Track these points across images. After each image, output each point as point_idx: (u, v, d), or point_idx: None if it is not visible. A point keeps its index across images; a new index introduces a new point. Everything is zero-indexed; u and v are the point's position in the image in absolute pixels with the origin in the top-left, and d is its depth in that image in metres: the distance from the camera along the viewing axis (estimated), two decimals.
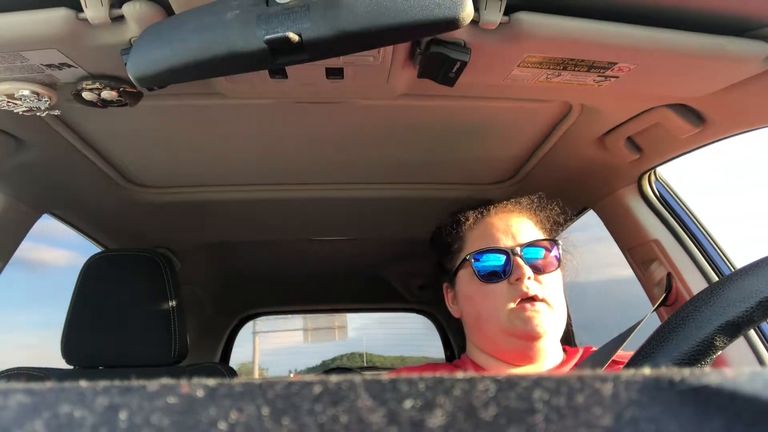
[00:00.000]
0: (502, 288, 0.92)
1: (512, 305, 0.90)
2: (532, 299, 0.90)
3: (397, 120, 1.05)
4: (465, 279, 0.99)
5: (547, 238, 0.99)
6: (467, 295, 0.98)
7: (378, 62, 0.77)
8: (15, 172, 1.12)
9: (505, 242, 0.95)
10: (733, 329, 0.48)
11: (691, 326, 0.49)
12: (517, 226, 0.98)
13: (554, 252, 0.96)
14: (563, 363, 0.97)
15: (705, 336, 0.48)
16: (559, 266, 0.96)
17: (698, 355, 0.48)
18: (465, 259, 0.98)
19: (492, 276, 0.93)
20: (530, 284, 0.90)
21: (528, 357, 0.92)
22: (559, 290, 0.95)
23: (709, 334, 0.48)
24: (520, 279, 0.90)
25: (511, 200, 1.05)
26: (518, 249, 0.93)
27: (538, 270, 0.93)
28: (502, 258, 0.94)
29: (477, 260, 0.95)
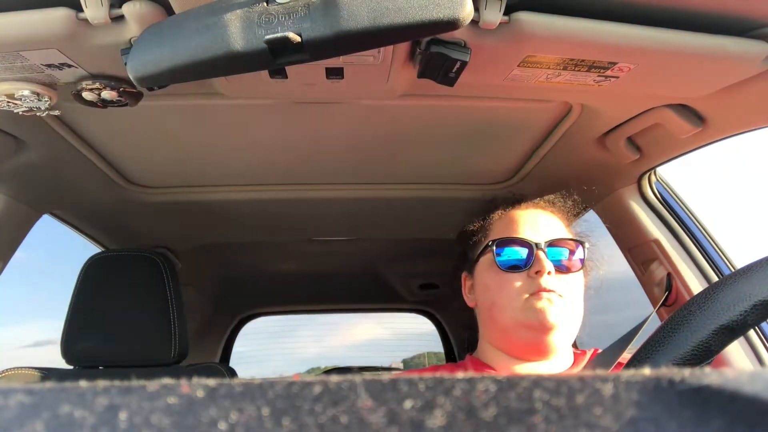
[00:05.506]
0: (520, 279, 0.91)
1: (527, 296, 0.89)
2: (549, 291, 0.89)
3: (396, 120, 1.05)
4: (484, 267, 0.98)
5: (574, 238, 0.98)
6: (484, 284, 0.97)
7: (378, 62, 0.77)
8: (15, 172, 1.12)
9: (530, 235, 0.94)
10: (728, 333, 0.48)
11: (685, 331, 0.49)
12: (545, 223, 0.97)
13: (579, 254, 0.95)
14: (572, 366, 0.96)
15: (700, 340, 0.48)
16: (582, 268, 0.95)
17: (694, 360, 0.48)
18: (487, 246, 0.97)
19: (512, 266, 0.92)
20: (549, 279, 0.89)
21: (538, 350, 0.91)
22: (578, 291, 0.94)
23: (704, 339, 0.48)
24: (539, 272, 0.89)
25: (545, 198, 1.05)
26: (542, 244, 0.92)
27: (560, 268, 0.92)
28: (525, 250, 0.93)
29: (499, 248, 0.94)
